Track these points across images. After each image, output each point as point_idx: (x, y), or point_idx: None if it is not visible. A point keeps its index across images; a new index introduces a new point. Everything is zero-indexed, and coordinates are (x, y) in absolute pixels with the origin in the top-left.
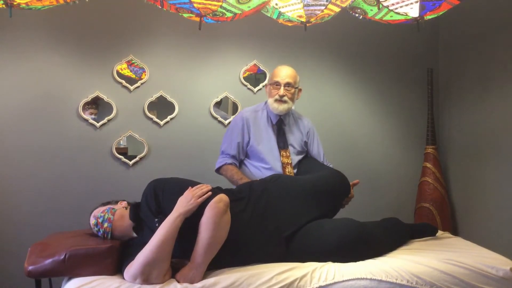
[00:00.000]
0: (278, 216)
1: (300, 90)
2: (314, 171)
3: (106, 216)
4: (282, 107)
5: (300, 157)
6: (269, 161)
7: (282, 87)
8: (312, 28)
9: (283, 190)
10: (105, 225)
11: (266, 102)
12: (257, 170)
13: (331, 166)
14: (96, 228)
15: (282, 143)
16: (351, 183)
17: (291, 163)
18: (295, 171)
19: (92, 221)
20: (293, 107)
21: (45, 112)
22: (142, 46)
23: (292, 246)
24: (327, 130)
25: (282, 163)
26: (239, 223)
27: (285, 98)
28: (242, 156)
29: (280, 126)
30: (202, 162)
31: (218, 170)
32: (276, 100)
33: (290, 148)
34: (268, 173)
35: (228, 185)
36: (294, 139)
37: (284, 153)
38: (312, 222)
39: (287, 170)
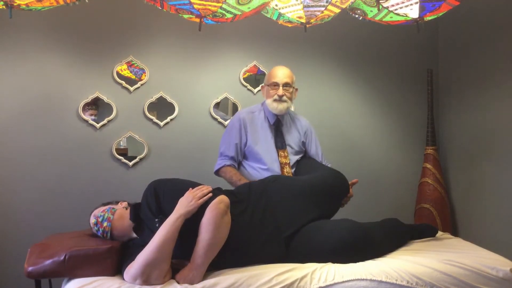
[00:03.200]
0: (278, 217)
1: (296, 89)
2: (313, 171)
3: (106, 215)
4: (281, 106)
5: (298, 157)
6: (266, 162)
7: (280, 87)
8: (312, 29)
9: (282, 191)
10: (105, 224)
11: (263, 103)
12: (255, 171)
13: (329, 165)
14: (95, 228)
15: (280, 143)
16: (350, 182)
17: (289, 163)
18: (293, 170)
19: (92, 220)
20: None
21: (45, 113)
22: (142, 47)
23: (292, 247)
24: (327, 131)
25: (280, 163)
26: (239, 224)
27: (285, 97)
28: (240, 157)
29: (278, 126)
30: (202, 163)
31: (217, 172)
32: (275, 100)
33: (288, 148)
34: (266, 174)
35: (227, 187)
36: (292, 139)
37: (282, 153)
38: (312, 223)
39: (285, 170)
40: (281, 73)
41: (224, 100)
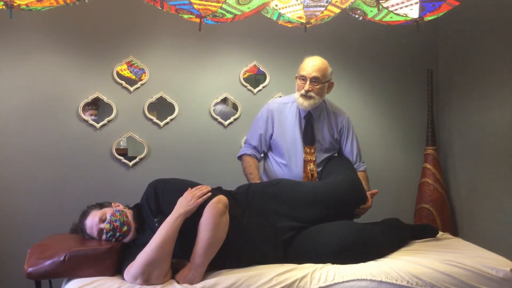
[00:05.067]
0: (276, 220)
1: (331, 83)
2: (333, 175)
3: (122, 219)
4: (307, 103)
5: (328, 154)
6: (289, 157)
7: (307, 82)
8: (312, 29)
9: (281, 195)
10: (125, 228)
11: None
12: (277, 166)
13: (363, 166)
14: (111, 233)
15: (308, 139)
16: (368, 193)
17: (314, 160)
18: (319, 169)
19: (104, 225)
20: (327, 101)
21: (45, 113)
22: (142, 47)
23: (291, 250)
24: None
25: (304, 160)
26: (237, 225)
27: (311, 93)
28: (264, 148)
29: (309, 120)
30: (202, 163)
31: (239, 158)
32: (301, 95)
33: (317, 144)
34: (286, 169)
35: (227, 186)
36: (323, 135)
37: (308, 150)
38: (312, 226)
39: (308, 168)
40: (311, 66)
41: (224, 100)
